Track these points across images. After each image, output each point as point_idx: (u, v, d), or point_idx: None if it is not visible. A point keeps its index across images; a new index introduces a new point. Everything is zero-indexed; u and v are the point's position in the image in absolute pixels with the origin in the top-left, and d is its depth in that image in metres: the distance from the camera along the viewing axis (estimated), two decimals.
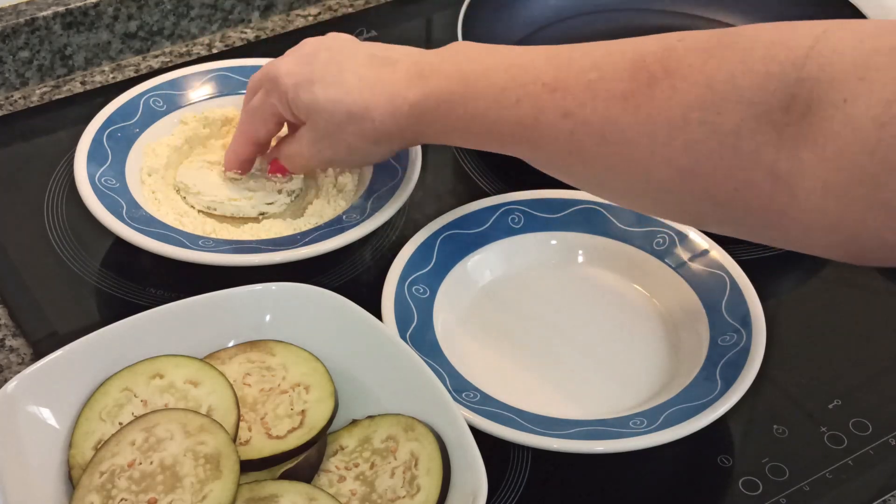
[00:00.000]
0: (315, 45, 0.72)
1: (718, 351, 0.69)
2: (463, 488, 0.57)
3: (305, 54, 0.72)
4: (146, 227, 0.73)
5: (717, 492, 0.66)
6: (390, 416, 0.61)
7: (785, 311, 0.77)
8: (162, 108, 0.83)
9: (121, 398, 0.61)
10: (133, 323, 0.63)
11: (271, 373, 0.63)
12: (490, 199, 0.78)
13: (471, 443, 0.58)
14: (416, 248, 0.74)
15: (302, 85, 0.70)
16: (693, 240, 0.75)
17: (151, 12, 0.96)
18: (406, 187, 0.77)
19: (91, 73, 0.95)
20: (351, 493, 0.59)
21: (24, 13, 0.90)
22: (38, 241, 0.79)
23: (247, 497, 0.57)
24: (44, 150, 0.87)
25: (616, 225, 0.77)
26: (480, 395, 0.66)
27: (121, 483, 0.56)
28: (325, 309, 0.65)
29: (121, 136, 0.80)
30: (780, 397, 0.71)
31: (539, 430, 0.63)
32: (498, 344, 0.72)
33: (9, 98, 0.92)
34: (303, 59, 0.71)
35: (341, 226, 0.74)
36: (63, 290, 0.76)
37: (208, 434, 0.58)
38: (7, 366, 0.71)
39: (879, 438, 0.69)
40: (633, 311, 0.75)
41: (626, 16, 1.01)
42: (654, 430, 0.63)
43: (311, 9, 1.04)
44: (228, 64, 0.87)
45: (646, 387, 0.69)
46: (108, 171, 0.77)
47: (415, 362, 0.62)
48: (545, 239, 0.77)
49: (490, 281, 0.76)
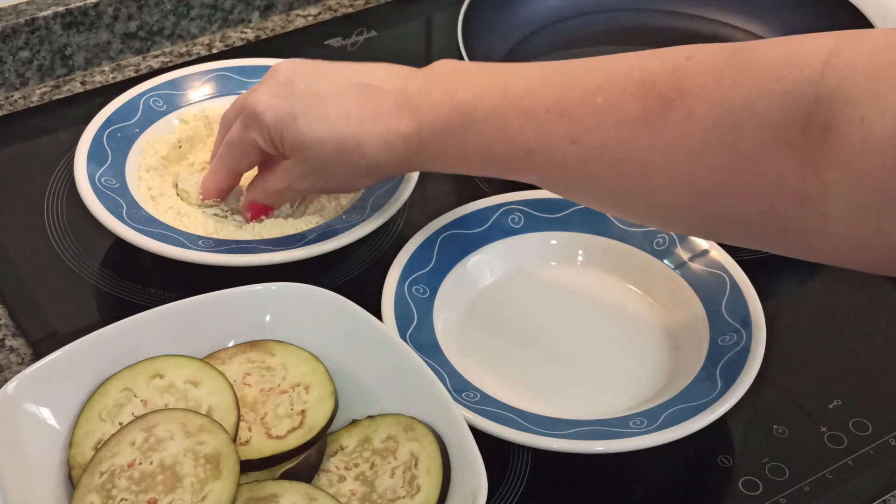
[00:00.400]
0: (289, 73, 0.69)
1: (718, 351, 0.69)
2: (463, 488, 0.57)
3: (280, 83, 0.69)
4: (146, 227, 0.73)
5: (717, 492, 0.66)
6: (390, 416, 0.61)
7: (785, 311, 0.77)
8: (162, 108, 0.83)
9: (121, 398, 0.61)
10: (133, 323, 0.63)
11: (271, 373, 0.63)
12: (490, 199, 0.78)
13: (471, 443, 0.58)
14: (416, 248, 0.74)
15: (284, 121, 0.68)
16: (693, 240, 0.75)
17: (151, 12, 0.96)
18: (406, 187, 0.77)
19: (91, 73, 0.95)
20: (351, 493, 0.59)
21: (24, 13, 0.90)
22: (38, 241, 0.79)
23: (247, 497, 0.57)
24: (44, 150, 0.87)
25: (616, 225, 0.77)
26: (480, 395, 0.66)
27: (121, 483, 0.56)
28: (325, 309, 0.65)
29: (121, 137, 0.80)
30: (780, 397, 0.71)
31: (539, 430, 0.63)
32: (498, 344, 0.72)
33: (9, 98, 0.92)
34: (280, 91, 0.68)
35: (341, 226, 0.74)
36: (63, 290, 0.76)
37: (208, 434, 0.58)
38: (7, 366, 0.71)
39: (879, 438, 0.69)
40: (632, 311, 0.75)
41: (626, 16, 1.01)
42: (654, 430, 0.63)
43: (311, 9, 1.04)
44: (228, 64, 0.87)
45: (646, 387, 0.69)
46: (107, 172, 0.77)
47: (415, 362, 0.62)
48: (545, 239, 0.77)
49: (490, 281, 0.76)
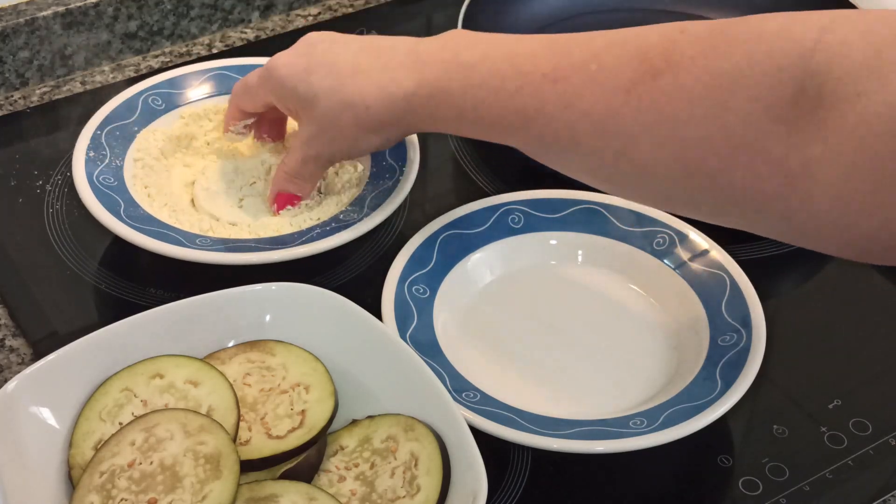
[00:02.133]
0: (314, 38, 0.72)
1: (718, 351, 0.69)
2: (463, 488, 0.57)
3: (303, 45, 0.72)
4: (144, 225, 0.73)
5: (717, 492, 0.66)
6: (390, 416, 0.61)
7: (785, 311, 0.77)
8: (161, 106, 0.83)
9: (121, 398, 0.61)
10: (133, 323, 0.63)
11: (271, 373, 0.63)
12: (490, 199, 0.78)
13: (471, 443, 0.58)
14: (416, 248, 0.74)
15: (298, 75, 0.70)
16: (693, 240, 0.75)
17: (151, 12, 0.96)
18: (404, 185, 0.77)
19: (91, 73, 0.95)
20: (351, 493, 0.59)
21: (24, 13, 0.90)
22: (38, 241, 0.79)
23: (247, 497, 0.57)
24: (44, 150, 0.87)
25: (616, 225, 0.77)
26: (480, 395, 0.66)
27: (121, 483, 0.56)
28: (325, 309, 0.65)
29: (119, 135, 0.80)
30: (780, 397, 0.71)
31: (539, 430, 0.63)
32: (498, 343, 0.72)
33: (9, 98, 0.92)
34: (301, 51, 0.71)
35: (339, 224, 0.74)
36: (63, 290, 0.76)
37: (208, 434, 0.58)
38: (7, 366, 0.71)
39: (879, 438, 0.69)
40: (632, 311, 0.75)
41: (627, 16, 1.01)
42: (654, 430, 0.63)
43: (311, 9, 1.04)
44: (227, 63, 0.87)
45: (646, 387, 0.69)
46: (106, 170, 0.77)
47: (415, 362, 0.62)
48: (545, 239, 0.77)
49: (490, 281, 0.76)
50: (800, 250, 0.80)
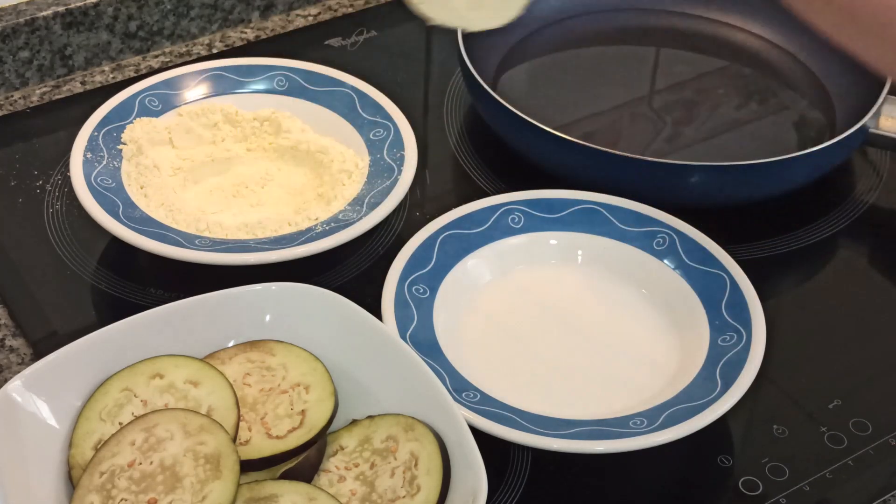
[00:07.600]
0: None
1: (718, 351, 0.69)
2: (463, 488, 0.57)
3: None
4: (143, 226, 0.73)
5: (717, 492, 0.66)
6: (390, 416, 0.61)
7: (785, 311, 0.77)
8: (157, 107, 0.83)
9: (121, 398, 0.61)
10: (133, 323, 0.63)
11: (271, 373, 0.63)
12: (490, 199, 0.78)
13: (471, 443, 0.58)
14: (416, 248, 0.74)
15: None
16: (693, 240, 0.75)
17: (151, 12, 0.96)
18: (402, 185, 0.77)
19: (91, 73, 0.95)
20: (351, 493, 0.59)
21: (24, 13, 0.90)
22: (38, 241, 0.79)
23: (247, 497, 0.57)
24: (44, 150, 0.87)
25: (616, 225, 0.77)
26: (480, 395, 0.66)
27: (121, 483, 0.56)
28: (325, 309, 0.65)
29: (116, 137, 0.80)
30: (780, 397, 0.71)
31: (539, 430, 0.63)
32: (498, 344, 0.72)
33: (9, 98, 0.92)
34: None
35: (338, 224, 0.74)
36: (63, 290, 0.76)
37: (208, 434, 0.58)
38: (7, 366, 0.71)
39: (879, 438, 0.69)
40: (632, 311, 0.75)
41: (626, 16, 1.01)
42: (654, 430, 0.63)
43: (311, 9, 1.04)
44: (224, 63, 0.87)
45: (646, 387, 0.69)
46: (103, 172, 0.77)
47: (415, 362, 0.62)
48: (545, 239, 0.77)
49: (490, 281, 0.76)
50: (800, 250, 0.81)
